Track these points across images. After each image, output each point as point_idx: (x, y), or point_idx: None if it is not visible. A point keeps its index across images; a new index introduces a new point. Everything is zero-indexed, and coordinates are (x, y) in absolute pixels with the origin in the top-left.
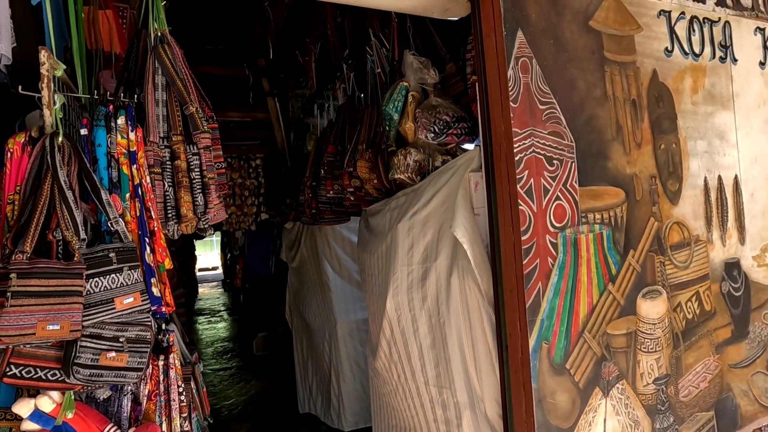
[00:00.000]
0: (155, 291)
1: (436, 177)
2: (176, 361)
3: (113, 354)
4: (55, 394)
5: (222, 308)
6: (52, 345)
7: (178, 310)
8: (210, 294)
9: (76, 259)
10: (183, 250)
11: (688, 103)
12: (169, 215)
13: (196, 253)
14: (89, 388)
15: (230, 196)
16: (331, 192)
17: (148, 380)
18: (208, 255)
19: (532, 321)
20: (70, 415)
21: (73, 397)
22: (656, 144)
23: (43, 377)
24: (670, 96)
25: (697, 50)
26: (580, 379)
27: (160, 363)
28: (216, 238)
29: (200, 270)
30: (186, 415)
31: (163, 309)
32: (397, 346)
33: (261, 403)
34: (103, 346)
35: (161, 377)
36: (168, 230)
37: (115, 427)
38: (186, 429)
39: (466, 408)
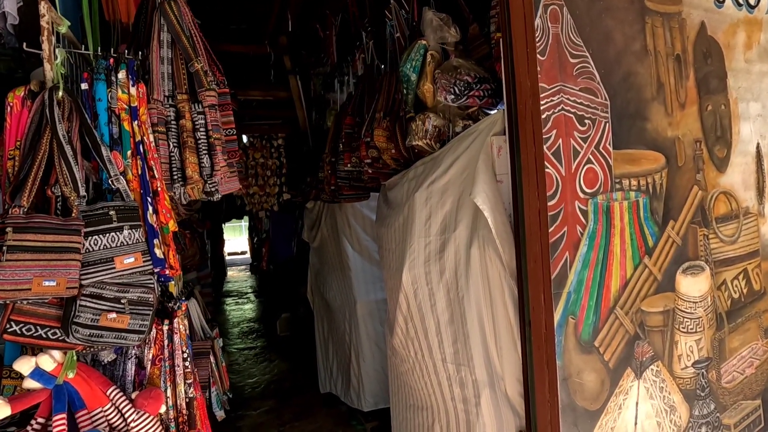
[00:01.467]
0: (158, 252)
1: (455, 143)
2: (181, 327)
3: (114, 315)
4: (57, 354)
5: (249, 290)
6: (52, 304)
7: (204, 290)
8: (238, 277)
9: (74, 215)
10: (211, 234)
11: (741, 60)
12: (175, 177)
13: (225, 237)
14: (92, 349)
15: (253, 176)
16: (349, 165)
17: (152, 345)
18: (238, 240)
19: (558, 294)
20: (71, 375)
21: (75, 357)
22: (702, 105)
23: (44, 335)
24: (720, 52)
25: (752, 1)
26: (610, 359)
27: (165, 328)
28: (244, 224)
29: (230, 254)
30: (191, 381)
31: (167, 272)
32: (413, 321)
33: (283, 382)
34: (103, 307)
35: (165, 342)
36: (174, 193)
37: (118, 390)
38: (191, 395)
39: (485, 386)
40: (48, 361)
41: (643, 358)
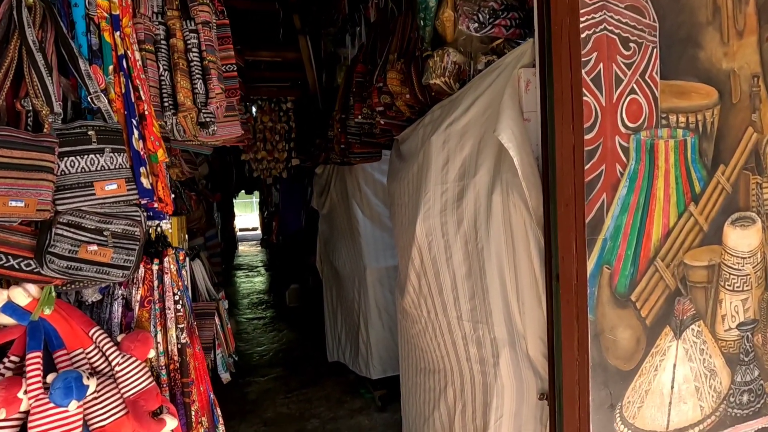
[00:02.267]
0: (145, 182)
1: (477, 81)
2: (171, 266)
3: (95, 248)
4: (32, 287)
5: (259, 264)
6: (26, 233)
7: (213, 259)
8: (249, 252)
9: (46, 130)
10: (222, 207)
11: None
12: (166, 104)
13: (237, 213)
14: (73, 286)
15: (261, 141)
16: (360, 117)
17: (141, 285)
18: (249, 216)
19: (592, 240)
20: (47, 312)
21: (53, 293)
22: (762, 35)
23: (16, 266)
24: None
25: None
26: (647, 315)
27: (155, 267)
28: (255, 200)
29: (241, 230)
30: (183, 326)
31: (156, 205)
32: (427, 277)
33: (292, 351)
34: (83, 238)
35: (155, 283)
36: (165, 122)
37: (101, 331)
38: (183, 341)
39: (504, 345)
40: (21, 295)
41: (684, 317)
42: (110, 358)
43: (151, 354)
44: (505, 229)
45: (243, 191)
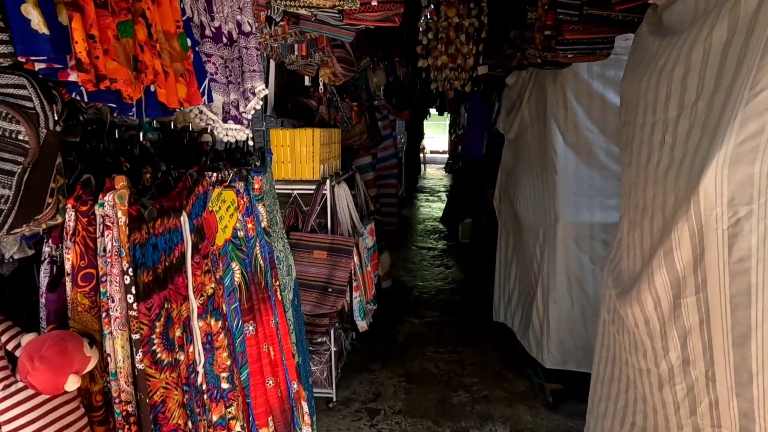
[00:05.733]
0: (33, 18)
1: None
2: (120, 216)
3: None
4: None
5: (442, 189)
6: None
7: (388, 180)
8: (434, 175)
9: None
10: (410, 126)
11: None
12: None
13: (429, 134)
14: None
15: (443, 43)
16: None
17: (71, 243)
18: (440, 138)
19: None
20: None
21: None
22: None
23: None
24: None
25: None
26: None
27: (99, 211)
28: (446, 121)
29: (431, 152)
30: (140, 336)
31: (72, 74)
32: (705, 292)
33: (454, 294)
34: None
35: (98, 244)
36: None
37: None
38: (140, 366)
39: None
40: None
41: None
42: None
43: (70, 385)
44: None
45: (435, 111)
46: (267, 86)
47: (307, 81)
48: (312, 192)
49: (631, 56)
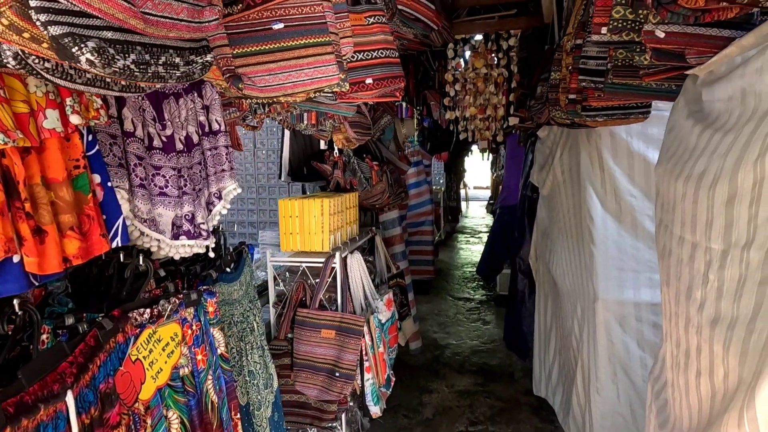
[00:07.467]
0: None
1: None
2: None
3: None
4: None
5: (484, 230)
6: None
7: (423, 228)
8: (477, 213)
9: None
10: (448, 166)
11: None
12: None
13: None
14: None
15: (471, 94)
16: (608, 28)
17: None
18: (486, 171)
19: None
20: None
21: None
22: None
23: None
24: None
25: None
26: None
27: None
28: (489, 159)
29: (475, 188)
30: None
31: None
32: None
33: (491, 356)
34: None
35: None
36: None
37: None
38: None
39: None
40: None
41: None
42: None
43: None
44: None
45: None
46: (282, 151)
47: (322, 144)
48: (321, 264)
49: (667, 136)
